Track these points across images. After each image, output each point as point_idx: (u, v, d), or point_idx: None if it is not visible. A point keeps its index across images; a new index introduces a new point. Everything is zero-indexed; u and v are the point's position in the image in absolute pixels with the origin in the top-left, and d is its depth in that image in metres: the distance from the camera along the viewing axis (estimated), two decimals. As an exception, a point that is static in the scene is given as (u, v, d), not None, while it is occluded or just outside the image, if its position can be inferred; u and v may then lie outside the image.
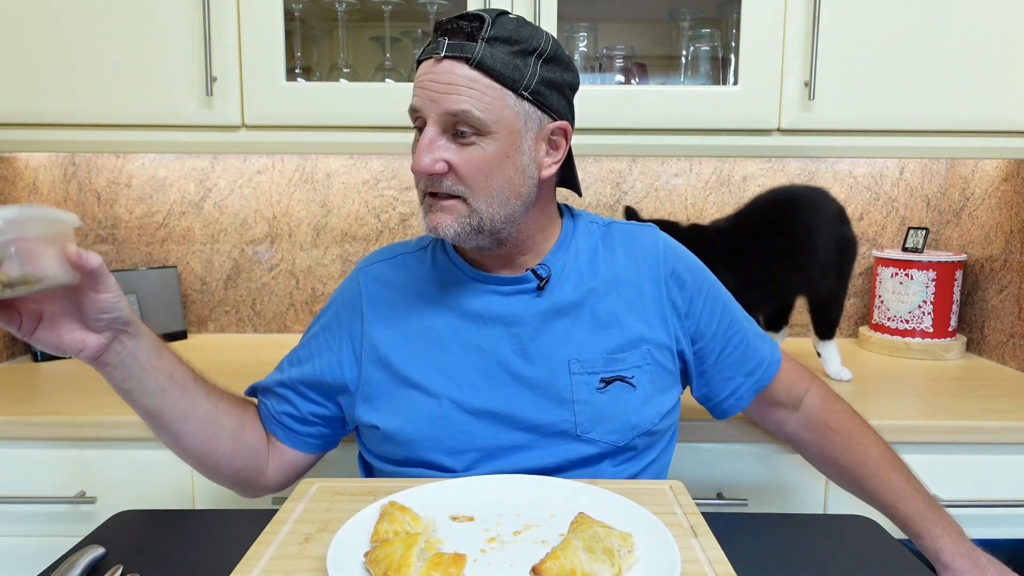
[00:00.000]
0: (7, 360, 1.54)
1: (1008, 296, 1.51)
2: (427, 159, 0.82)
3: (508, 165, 0.84)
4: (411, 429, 0.89)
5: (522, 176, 0.86)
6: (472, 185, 0.84)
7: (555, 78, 0.85)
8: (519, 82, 0.82)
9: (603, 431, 0.89)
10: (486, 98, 0.81)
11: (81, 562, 0.68)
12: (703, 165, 1.71)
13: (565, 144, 0.89)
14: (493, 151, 0.83)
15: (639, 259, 0.96)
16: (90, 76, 1.33)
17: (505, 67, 0.81)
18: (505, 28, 0.82)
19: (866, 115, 1.34)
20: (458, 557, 0.60)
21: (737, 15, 1.33)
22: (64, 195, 1.69)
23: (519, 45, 0.82)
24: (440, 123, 0.83)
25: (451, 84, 0.81)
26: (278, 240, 1.73)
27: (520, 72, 0.82)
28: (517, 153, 0.84)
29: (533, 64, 0.83)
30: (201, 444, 0.88)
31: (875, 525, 0.81)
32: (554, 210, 0.96)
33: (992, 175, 1.56)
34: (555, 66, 0.86)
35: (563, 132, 0.88)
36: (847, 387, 1.35)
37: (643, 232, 0.99)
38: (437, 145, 0.83)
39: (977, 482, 1.17)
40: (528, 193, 0.87)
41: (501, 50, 0.81)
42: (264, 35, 1.32)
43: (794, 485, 1.18)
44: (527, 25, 0.85)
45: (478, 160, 0.83)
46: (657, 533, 0.65)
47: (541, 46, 0.84)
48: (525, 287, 0.92)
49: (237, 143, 1.36)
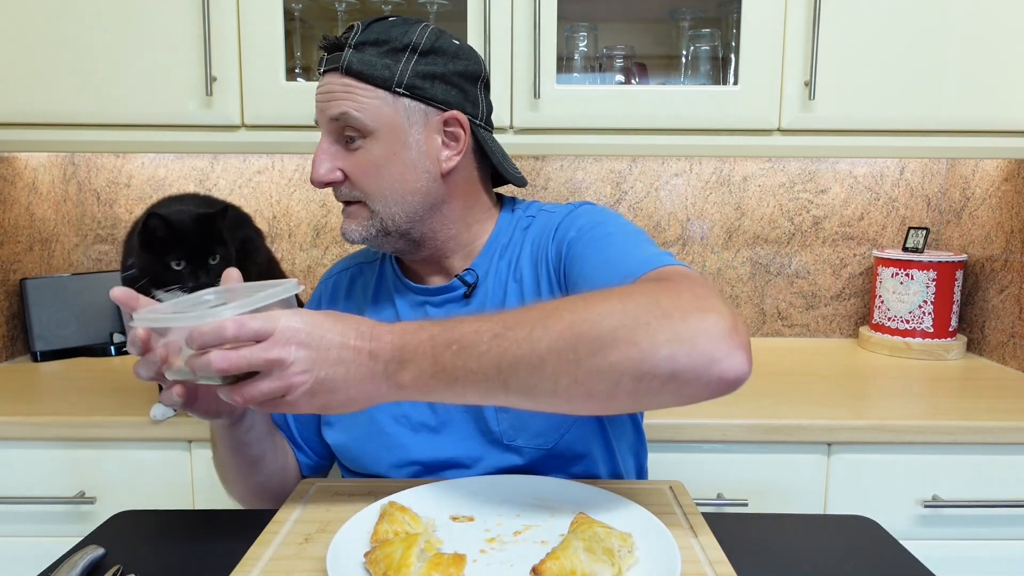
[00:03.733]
0: (7, 360, 1.54)
1: (1009, 296, 1.51)
2: (321, 169, 0.84)
3: (395, 163, 0.84)
4: (354, 444, 0.91)
5: (414, 172, 0.85)
6: (365, 188, 0.85)
7: (434, 70, 0.84)
8: (390, 79, 0.83)
9: (528, 436, 0.84)
10: (362, 100, 0.82)
11: (81, 562, 0.68)
12: (703, 165, 1.71)
13: (464, 134, 0.87)
14: (379, 151, 0.84)
15: (535, 244, 0.90)
16: (90, 76, 1.33)
17: (373, 68, 0.82)
18: (373, 31, 0.84)
19: (866, 115, 1.34)
20: (458, 557, 0.60)
21: (737, 15, 1.33)
22: (64, 195, 1.69)
23: (388, 44, 0.83)
24: (330, 132, 0.85)
25: (330, 92, 0.84)
26: (278, 240, 1.73)
27: (390, 70, 0.83)
28: (404, 149, 0.84)
29: (407, 60, 0.83)
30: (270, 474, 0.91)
31: (875, 525, 0.81)
32: (484, 205, 0.93)
33: (993, 175, 1.56)
34: (435, 57, 0.85)
35: (457, 122, 0.86)
36: (847, 387, 1.35)
37: (557, 211, 0.91)
38: (331, 154, 0.85)
39: (977, 482, 1.17)
40: (427, 188, 0.86)
41: (370, 52, 0.83)
42: (264, 35, 1.32)
43: (794, 485, 1.18)
44: (401, 24, 0.85)
45: (365, 163, 0.84)
46: (657, 533, 0.65)
47: (413, 40, 0.84)
48: (454, 295, 0.91)
49: (237, 143, 1.36)
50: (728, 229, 1.73)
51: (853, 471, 1.18)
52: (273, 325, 0.64)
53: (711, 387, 0.62)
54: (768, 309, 1.75)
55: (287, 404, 0.66)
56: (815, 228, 1.73)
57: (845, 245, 1.73)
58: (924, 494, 1.17)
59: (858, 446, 1.17)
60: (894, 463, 1.17)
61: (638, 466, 0.97)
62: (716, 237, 1.73)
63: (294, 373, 0.64)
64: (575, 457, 0.86)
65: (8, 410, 1.19)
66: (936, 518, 1.18)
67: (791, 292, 1.75)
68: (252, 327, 0.63)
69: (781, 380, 1.38)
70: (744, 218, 1.72)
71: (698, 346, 0.61)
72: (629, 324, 0.62)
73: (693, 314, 0.62)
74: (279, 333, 0.64)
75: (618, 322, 0.62)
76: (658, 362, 0.61)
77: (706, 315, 0.62)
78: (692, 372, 0.61)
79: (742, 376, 0.62)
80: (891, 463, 1.17)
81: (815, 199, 1.72)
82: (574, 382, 0.63)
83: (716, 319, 0.62)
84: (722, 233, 1.73)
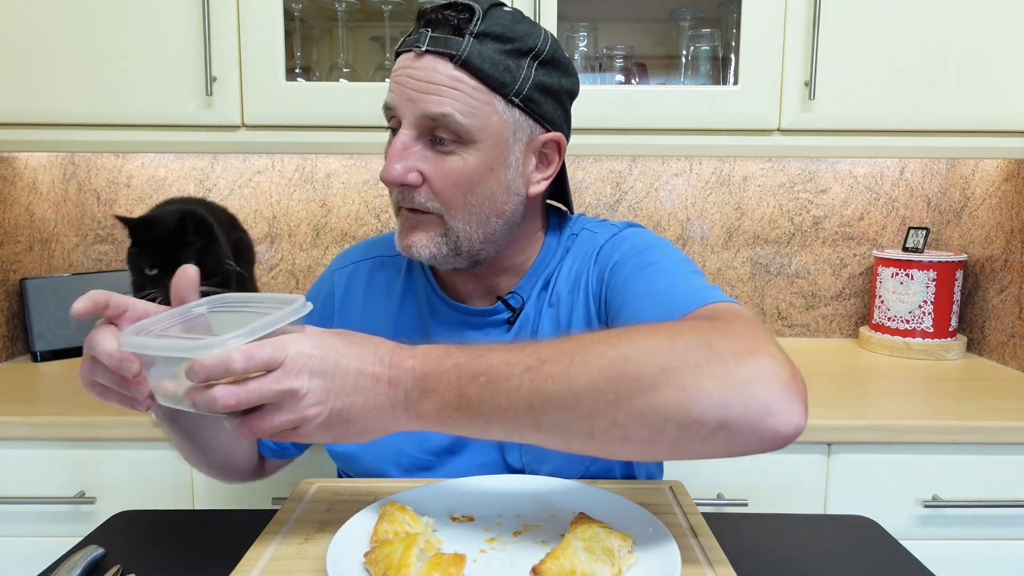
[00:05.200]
0: (7, 360, 1.54)
1: (1009, 296, 1.51)
2: (399, 167, 0.73)
3: (491, 180, 0.75)
4: (361, 453, 0.85)
5: (506, 193, 0.76)
6: (448, 201, 0.75)
7: (551, 83, 0.76)
8: (510, 86, 0.73)
9: (551, 467, 0.81)
10: (471, 102, 0.72)
11: (81, 562, 0.68)
12: (703, 165, 1.71)
13: (558, 159, 0.80)
14: (475, 163, 0.73)
15: (575, 266, 0.83)
16: (90, 76, 1.33)
17: (495, 68, 0.72)
18: (498, 23, 0.73)
19: (866, 115, 1.34)
20: (458, 557, 0.60)
21: (737, 15, 1.33)
22: (64, 195, 1.69)
23: (513, 44, 0.73)
24: (417, 126, 0.74)
25: (432, 83, 0.71)
26: (278, 240, 1.73)
27: (512, 75, 0.73)
28: (503, 167, 0.75)
29: (527, 66, 0.74)
30: (228, 452, 0.84)
31: (875, 525, 0.81)
32: (539, 226, 0.86)
33: (993, 175, 1.56)
34: (552, 70, 0.76)
35: (556, 145, 0.79)
36: (847, 387, 1.35)
37: (600, 232, 0.85)
38: (412, 152, 0.74)
39: (977, 482, 1.17)
40: (512, 212, 0.78)
41: (491, 48, 0.72)
42: (264, 35, 1.32)
43: (794, 485, 1.18)
44: (524, 21, 0.76)
45: (457, 173, 0.73)
46: (657, 533, 0.65)
47: (538, 46, 0.75)
48: (496, 319, 0.84)
49: (237, 143, 1.36)
50: (728, 229, 1.73)
51: (853, 471, 1.18)
52: (284, 352, 0.57)
53: (764, 441, 0.56)
54: (768, 309, 1.75)
55: (299, 435, 0.60)
56: (815, 228, 1.73)
57: (845, 245, 1.73)
58: (924, 494, 1.17)
59: (858, 446, 1.17)
60: (894, 463, 1.17)
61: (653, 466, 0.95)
62: (716, 237, 1.73)
63: (308, 405, 0.58)
64: None
65: (8, 410, 1.19)
66: (936, 518, 1.18)
67: (791, 292, 1.75)
68: (261, 357, 0.56)
69: (781, 380, 1.38)
70: (744, 218, 1.72)
71: (754, 394, 0.55)
72: (677, 365, 0.55)
73: (748, 358, 0.56)
74: (290, 361, 0.57)
75: (665, 362, 0.56)
76: (707, 409, 0.55)
77: (762, 360, 0.56)
78: (745, 423, 0.55)
79: (798, 431, 0.56)
80: (891, 463, 1.17)
81: (815, 199, 1.72)
82: (612, 424, 0.56)
83: (774, 366, 0.56)
84: (722, 233, 1.73)
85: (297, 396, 0.57)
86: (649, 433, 0.56)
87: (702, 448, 0.57)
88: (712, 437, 0.56)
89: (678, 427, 0.56)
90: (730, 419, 0.55)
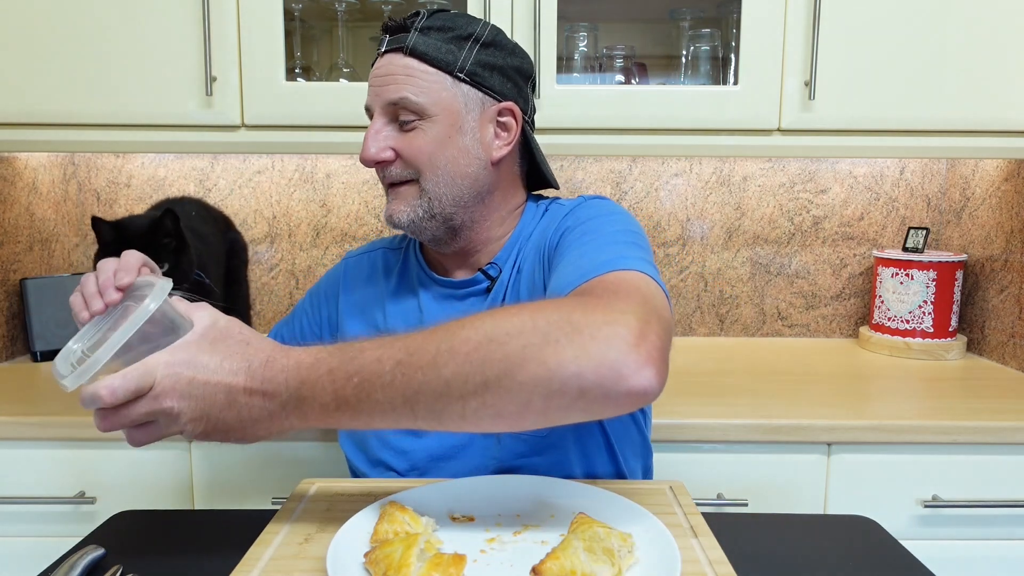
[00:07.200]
0: (7, 360, 1.54)
1: (1009, 296, 1.51)
2: (372, 148, 0.85)
3: (451, 145, 0.85)
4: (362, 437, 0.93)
5: (467, 156, 0.87)
6: (419, 165, 0.85)
7: (494, 61, 0.87)
8: (454, 64, 0.84)
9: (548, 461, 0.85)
10: (422, 83, 0.84)
11: (81, 562, 0.68)
12: (703, 165, 1.71)
13: (516, 126, 0.89)
14: (435, 133, 0.85)
15: (542, 233, 0.89)
16: (90, 76, 1.33)
17: (439, 51, 0.84)
18: (440, 18, 0.86)
19: (866, 115, 1.34)
20: (458, 557, 0.60)
21: (737, 15, 1.33)
22: (64, 195, 1.69)
23: (453, 32, 0.85)
24: (385, 114, 0.86)
25: (390, 75, 0.85)
26: (278, 240, 1.73)
27: (455, 55, 0.84)
28: (459, 134, 0.86)
29: (469, 48, 0.85)
30: None
31: (875, 525, 0.81)
32: (518, 201, 0.95)
33: (993, 175, 1.56)
34: (496, 50, 0.87)
35: (511, 112, 0.88)
36: (847, 387, 1.35)
37: (568, 203, 0.91)
38: (383, 135, 0.86)
39: (977, 482, 1.17)
40: (476, 175, 0.88)
41: (435, 37, 0.85)
42: (264, 35, 1.32)
43: (794, 485, 1.18)
44: (465, 16, 0.88)
45: (420, 143, 0.85)
46: (657, 533, 0.65)
47: (477, 31, 0.87)
48: (477, 288, 0.92)
49: (237, 143, 1.36)
50: (728, 229, 1.73)
51: (853, 471, 1.18)
52: (151, 378, 0.62)
53: (620, 403, 0.60)
54: (768, 309, 1.75)
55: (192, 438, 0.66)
56: (815, 228, 1.73)
57: (845, 245, 1.73)
58: (924, 494, 1.17)
59: (858, 446, 1.17)
60: (894, 463, 1.17)
61: (644, 468, 0.97)
62: (716, 237, 1.73)
63: (184, 421, 0.63)
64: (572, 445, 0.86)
65: (8, 410, 1.19)
66: (936, 518, 1.18)
67: (791, 292, 1.75)
68: (128, 389, 0.61)
69: (781, 380, 1.38)
70: (744, 218, 1.72)
71: (604, 361, 0.58)
72: (538, 342, 0.59)
73: (604, 328, 0.60)
74: (159, 386, 0.62)
75: (527, 340, 0.60)
76: (567, 380, 0.59)
77: (616, 329, 0.60)
78: (599, 388, 0.59)
79: (651, 391, 0.60)
80: (891, 463, 1.17)
81: (815, 199, 1.72)
82: (483, 405, 0.60)
83: (623, 331, 0.59)
84: (722, 233, 1.73)
85: (171, 415, 0.63)
86: (517, 408, 0.60)
87: (567, 415, 0.62)
88: (574, 405, 0.60)
89: (543, 399, 0.60)
90: (586, 387, 0.59)
